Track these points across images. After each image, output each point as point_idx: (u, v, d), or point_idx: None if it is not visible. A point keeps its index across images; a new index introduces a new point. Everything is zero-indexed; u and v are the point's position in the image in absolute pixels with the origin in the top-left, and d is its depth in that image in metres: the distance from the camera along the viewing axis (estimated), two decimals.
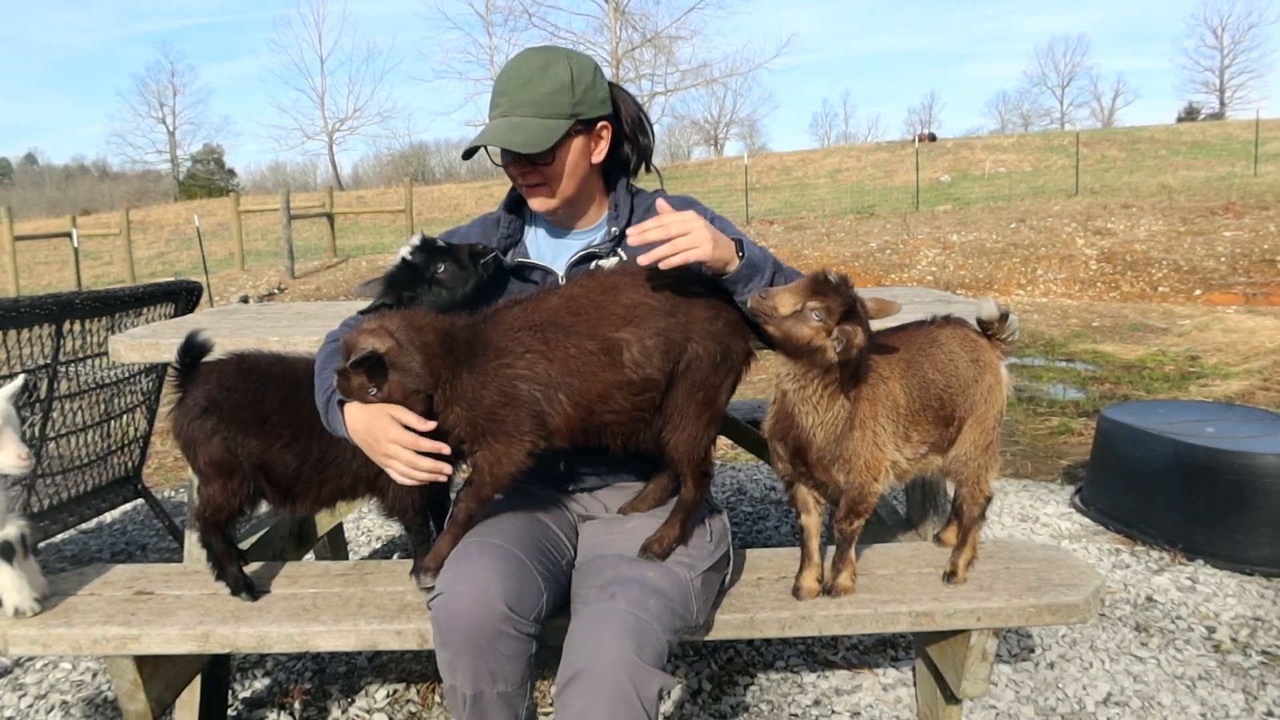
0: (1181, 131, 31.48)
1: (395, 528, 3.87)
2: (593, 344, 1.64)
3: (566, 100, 1.79)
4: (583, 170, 1.87)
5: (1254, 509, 3.17)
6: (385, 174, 55.21)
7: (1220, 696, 2.43)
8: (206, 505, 1.91)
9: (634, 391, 1.66)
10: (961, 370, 1.91)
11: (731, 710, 2.43)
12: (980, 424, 1.94)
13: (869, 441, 1.82)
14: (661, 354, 1.66)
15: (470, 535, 1.75)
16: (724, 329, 1.71)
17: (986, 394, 1.93)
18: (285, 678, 2.64)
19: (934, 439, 1.92)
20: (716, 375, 1.71)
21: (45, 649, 1.88)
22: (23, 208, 36.71)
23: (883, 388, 1.85)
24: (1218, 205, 14.14)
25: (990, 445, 1.97)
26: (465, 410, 1.64)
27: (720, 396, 1.74)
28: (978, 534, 2.03)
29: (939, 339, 1.94)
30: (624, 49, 32.14)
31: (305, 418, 1.86)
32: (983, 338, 1.98)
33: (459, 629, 1.61)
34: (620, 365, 1.64)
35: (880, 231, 14.71)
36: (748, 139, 61.04)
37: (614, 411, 1.68)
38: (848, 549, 1.94)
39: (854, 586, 1.96)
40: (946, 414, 1.91)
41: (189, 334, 1.92)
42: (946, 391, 1.90)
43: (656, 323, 1.65)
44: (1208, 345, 7.54)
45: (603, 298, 1.68)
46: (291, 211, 15.50)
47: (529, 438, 1.66)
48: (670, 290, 1.69)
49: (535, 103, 1.78)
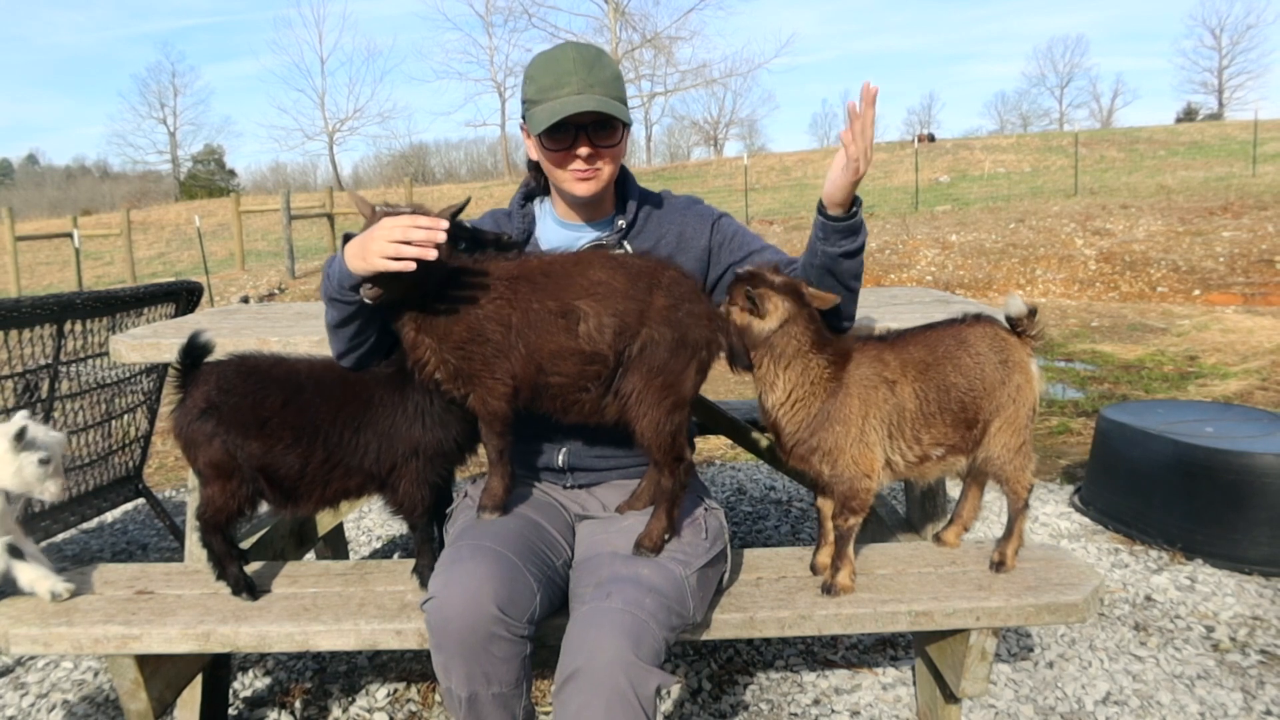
0: (1180, 132, 31.49)
1: (396, 527, 3.87)
2: (554, 304, 1.73)
3: (623, 88, 1.91)
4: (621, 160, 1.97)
5: (1252, 508, 3.18)
6: (385, 174, 55.23)
7: (1219, 695, 2.44)
8: (206, 506, 1.92)
9: (582, 360, 1.74)
10: (988, 372, 1.91)
11: (731, 709, 2.44)
12: (1011, 424, 1.94)
13: (854, 438, 1.84)
14: (614, 332, 1.72)
15: (462, 538, 1.78)
16: (684, 318, 1.75)
17: (1015, 394, 1.93)
18: (286, 677, 2.64)
19: (954, 441, 1.93)
20: (676, 361, 1.74)
21: (47, 648, 1.89)
22: (24, 208, 36.75)
23: (883, 390, 1.86)
24: (1216, 205, 14.16)
25: (1024, 445, 1.97)
26: (435, 343, 1.73)
27: (682, 383, 1.76)
28: (1023, 522, 2.06)
29: (967, 340, 1.94)
30: (624, 49, 32.17)
31: (309, 419, 1.87)
32: (1013, 336, 1.97)
33: (451, 632, 1.63)
34: (574, 333, 1.72)
35: (880, 232, 14.72)
36: (747, 139, 61.10)
37: (561, 374, 1.75)
38: (845, 546, 1.95)
39: (853, 585, 1.96)
40: (969, 417, 1.91)
41: (191, 335, 1.92)
42: (969, 395, 1.90)
43: (615, 303, 1.73)
44: (1206, 345, 7.55)
45: (574, 269, 1.77)
46: (292, 212, 15.51)
47: (501, 378, 1.74)
48: (636, 276, 1.75)
49: (606, 84, 1.86)
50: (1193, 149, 25.93)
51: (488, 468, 1.89)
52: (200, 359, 1.93)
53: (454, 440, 1.93)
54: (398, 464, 1.91)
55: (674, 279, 1.78)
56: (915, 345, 1.92)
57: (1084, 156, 21.66)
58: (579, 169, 1.90)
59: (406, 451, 1.91)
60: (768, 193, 24.44)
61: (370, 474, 1.93)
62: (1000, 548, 2.06)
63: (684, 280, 1.80)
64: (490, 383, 1.76)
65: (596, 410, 1.81)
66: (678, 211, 2.05)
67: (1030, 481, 2.02)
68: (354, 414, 1.89)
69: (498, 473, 1.87)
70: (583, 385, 1.77)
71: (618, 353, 1.74)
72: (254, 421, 1.86)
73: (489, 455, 1.88)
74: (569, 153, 1.89)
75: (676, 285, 1.77)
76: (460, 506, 2.00)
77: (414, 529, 1.99)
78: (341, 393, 1.90)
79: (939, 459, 1.94)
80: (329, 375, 1.93)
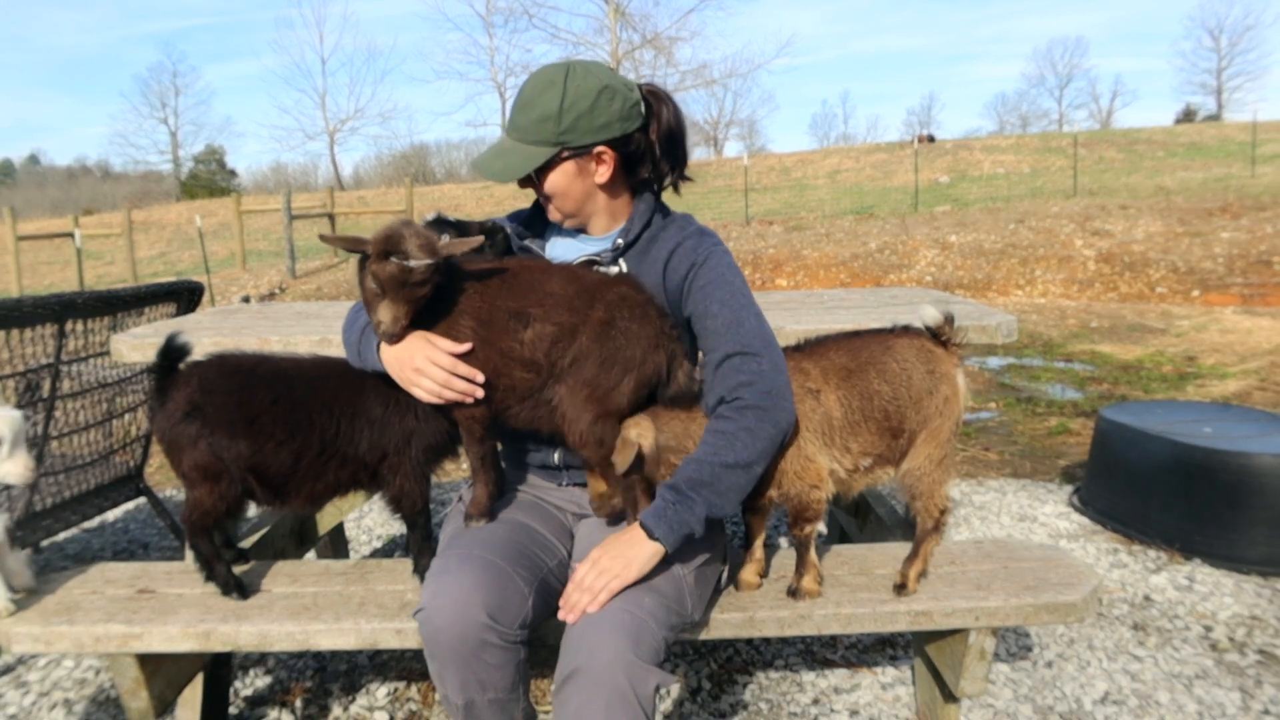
0: (1179, 133, 31.48)
1: (396, 527, 3.88)
2: (513, 304, 1.75)
3: (551, 129, 1.79)
4: (579, 191, 1.87)
5: (1251, 508, 3.18)
6: (386, 174, 55.18)
7: (1217, 695, 2.45)
8: (193, 510, 1.90)
9: (521, 366, 1.75)
10: (915, 382, 1.88)
11: (731, 709, 2.44)
12: (934, 437, 1.90)
13: (791, 457, 1.81)
14: (550, 341, 1.74)
15: (450, 547, 1.79)
16: (618, 334, 1.74)
17: (942, 406, 1.89)
18: (287, 676, 2.65)
19: (880, 450, 1.89)
20: (605, 376, 1.74)
21: (48, 647, 1.90)
22: (26, 208, 36.73)
23: (809, 401, 1.82)
24: (1215, 206, 14.16)
25: (945, 459, 1.92)
26: None
27: (611, 396, 1.74)
28: (930, 547, 1.98)
29: (894, 348, 1.90)
30: (624, 50, 32.15)
31: (299, 415, 1.87)
32: (940, 348, 1.94)
33: (443, 643, 1.63)
34: (520, 338, 1.74)
35: (879, 232, 14.72)
36: (747, 140, 61.05)
37: (508, 378, 1.77)
38: (806, 553, 1.93)
39: (819, 590, 1.95)
40: (894, 426, 1.88)
41: (168, 336, 1.89)
42: (894, 403, 1.86)
43: (559, 314, 1.74)
44: (1205, 346, 7.56)
45: (538, 277, 1.79)
46: (293, 212, 15.51)
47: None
48: (584, 290, 1.76)
49: (522, 129, 1.82)
50: (1192, 150, 25.93)
51: (471, 475, 1.91)
52: (178, 361, 1.91)
53: (445, 432, 1.93)
54: (389, 455, 1.91)
55: (621, 295, 1.76)
56: (836, 352, 1.89)
57: (1083, 157, 21.66)
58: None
59: (399, 443, 1.90)
60: (768, 193, 24.44)
61: (362, 467, 1.92)
62: (903, 569, 1.98)
63: (632, 297, 1.77)
64: None
65: (532, 420, 1.82)
66: (677, 237, 1.93)
67: (945, 502, 1.95)
68: (345, 408, 1.89)
69: (481, 480, 1.88)
70: (521, 394, 1.78)
71: (551, 363, 1.74)
72: (241, 421, 1.84)
73: (471, 463, 1.89)
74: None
75: (621, 302, 1.75)
76: (452, 512, 2.00)
77: (412, 527, 1.99)
78: (331, 388, 1.90)
79: (867, 470, 1.91)
80: (316, 371, 1.93)
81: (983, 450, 4.87)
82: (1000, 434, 5.19)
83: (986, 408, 5.81)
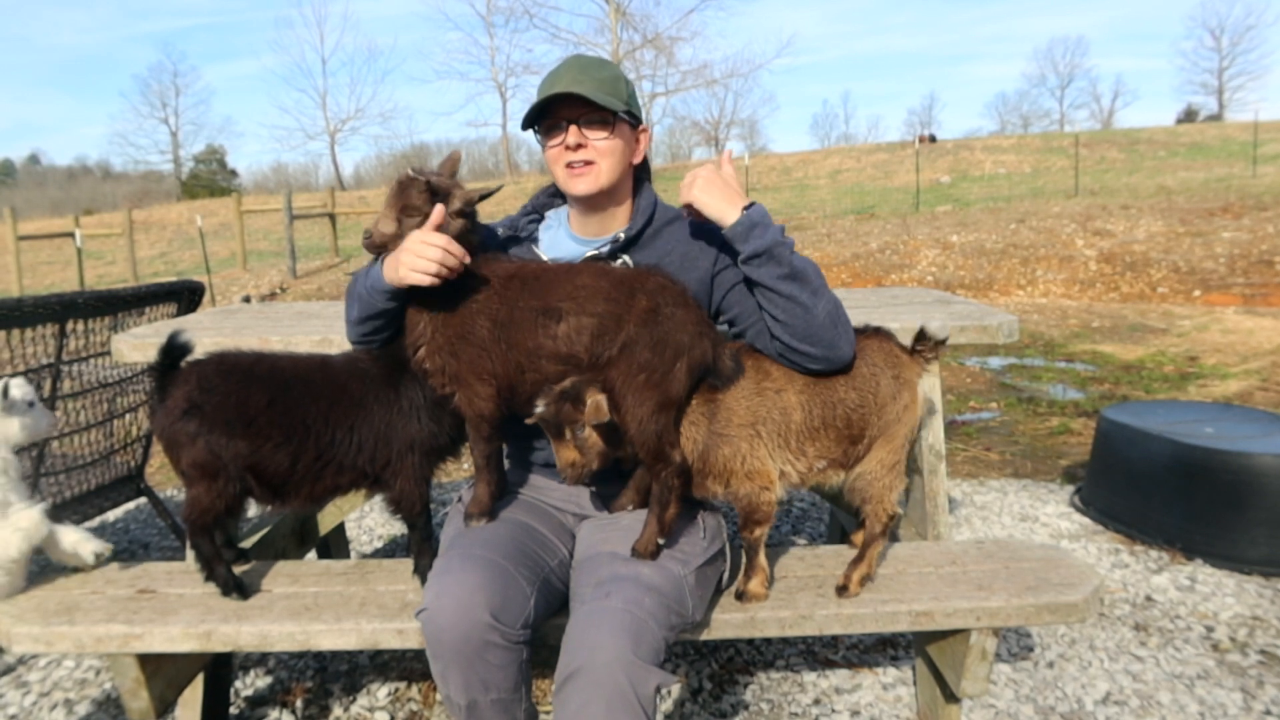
0: (1180, 133, 31.49)
1: (397, 527, 3.88)
2: (537, 303, 1.76)
3: (623, 90, 1.91)
4: (625, 162, 1.95)
5: (1252, 509, 3.18)
6: (387, 174, 55.22)
7: (1218, 695, 2.44)
8: (192, 508, 1.90)
9: (557, 360, 1.76)
10: (882, 387, 1.86)
11: (732, 709, 2.44)
12: (890, 442, 1.89)
13: (743, 456, 1.79)
14: (591, 335, 1.73)
15: (453, 547, 1.79)
16: (665, 320, 1.74)
17: (902, 412, 1.88)
18: (287, 676, 2.65)
19: (836, 455, 1.88)
20: (659, 359, 1.72)
21: (48, 647, 1.89)
22: (26, 208, 36.76)
23: (769, 400, 1.81)
24: (1216, 206, 14.15)
25: (897, 464, 1.91)
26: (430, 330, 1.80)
27: (669, 382, 1.73)
28: (876, 551, 1.97)
29: (862, 350, 1.88)
30: (625, 50, 32.17)
31: (299, 414, 1.86)
32: (906, 354, 1.92)
33: (445, 643, 1.63)
34: (553, 333, 1.75)
35: (880, 232, 14.72)
36: (748, 140, 61.00)
37: (537, 373, 1.77)
38: (755, 556, 1.92)
39: (765, 593, 1.93)
40: (855, 433, 1.86)
41: (169, 335, 1.89)
42: (859, 410, 1.85)
43: (596, 305, 1.74)
44: (1206, 346, 7.55)
45: (565, 274, 1.82)
46: (293, 211, 15.51)
47: (485, 379, 1.79)
48: (620, 281, 1.77)
49: (599, 81, 1.88)
50: (1193, 150, 25.93)
51: (474, 474, 1.91)
52: (179, 359, 1.91)
53: (446, 434, 1.93)
54: (392, 460, 1.91)
55: (659, 284, 1.77)
56: None
57: (1084, 157, 21.66)
58: (572, 164, 1.91)
59: (400, 446, 1.90)
60: (769, 193, 24.44)
61: (364, 471, 1.92)
62: (847, 571, 1.96)
63: (670, 286, 1.79)
64: (475, 384, 1.79)
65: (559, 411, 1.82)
66: (687, 231, 1.99)
67: (894, 509, 1.93)
68: (347, 409, 1.89)
69: (484, 479, 1.89)
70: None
71: (594, 356, 1.74)
72: (240, 419, 1.84)
73: (475, 461, 1.89)
74: (562, 146, 1.91)
75: (661, 290, 1.76)
76: (453, 513, 2.00)
77: (413, 528, 1.99)
78: (332, 388, 1.90)
79: (819, 472, 1.89)
80: (316, 371, 1.93)
81: (984, 450, 4.87)
82: (1001, 434, 5.19)
83: (988, 408, 5.81)
